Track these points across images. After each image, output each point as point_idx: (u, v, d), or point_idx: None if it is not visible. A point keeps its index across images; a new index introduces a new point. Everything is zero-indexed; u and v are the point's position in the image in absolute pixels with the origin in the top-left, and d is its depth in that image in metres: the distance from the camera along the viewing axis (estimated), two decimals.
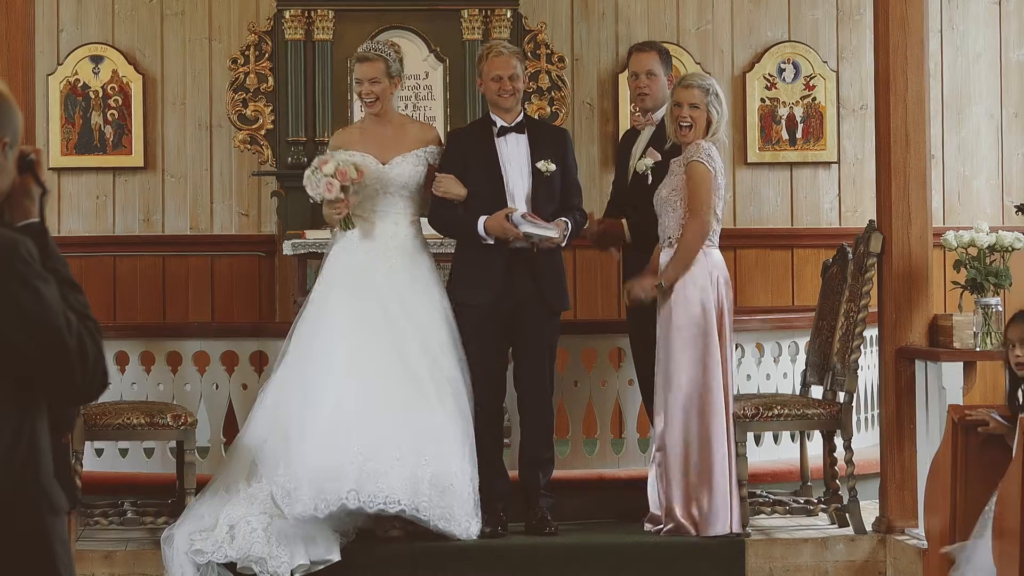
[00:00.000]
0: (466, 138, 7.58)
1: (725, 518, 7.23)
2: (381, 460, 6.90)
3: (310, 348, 7.20)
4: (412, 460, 6.94)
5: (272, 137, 10.44)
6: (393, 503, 6.88)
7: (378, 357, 7.12)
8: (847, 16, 11.10)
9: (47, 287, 2.89)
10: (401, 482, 6.89)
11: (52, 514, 2.99)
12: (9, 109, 3.02)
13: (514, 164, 7.43)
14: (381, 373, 7.09)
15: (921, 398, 7.38)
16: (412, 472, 6.92)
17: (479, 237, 7.32)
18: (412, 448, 6.96)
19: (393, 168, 7.38)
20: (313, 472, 6.86)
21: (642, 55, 7.92)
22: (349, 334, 7.16)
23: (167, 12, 10.81)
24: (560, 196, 7.46)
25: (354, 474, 6.86)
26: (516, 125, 7.47)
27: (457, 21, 10.38)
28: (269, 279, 10.75)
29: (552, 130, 7.90)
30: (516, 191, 7.39)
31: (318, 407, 7.03)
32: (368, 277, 7.27)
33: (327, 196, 7.21)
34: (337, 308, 7.23)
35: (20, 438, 2.93)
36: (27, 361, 2.88)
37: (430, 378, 7.13)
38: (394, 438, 6.96)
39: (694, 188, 7.25)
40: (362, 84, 7.41)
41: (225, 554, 6.82)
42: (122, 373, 8.16)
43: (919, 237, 7.47)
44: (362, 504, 6.86)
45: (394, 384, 7.08)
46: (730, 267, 10.79)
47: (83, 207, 10.79)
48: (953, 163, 11.12)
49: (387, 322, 7.19)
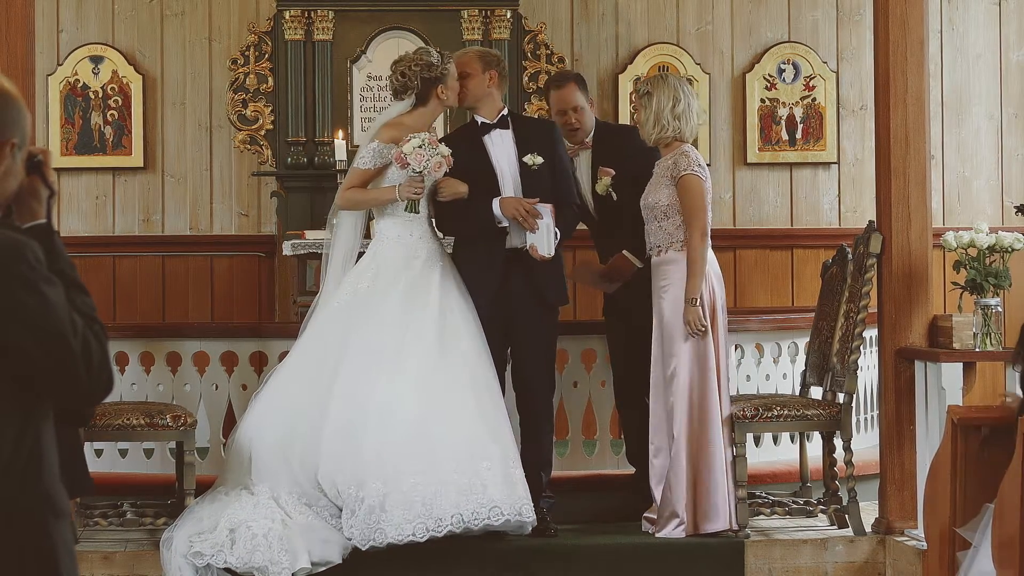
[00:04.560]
0: (455, 141, 7.54)
1: (724, 515, 7.24)
2: (475, 472, 6.81)
3: (351, 353, 7.10)
4: (501, 462, 6.88)
5: (272, 137, 10.45)
6: (497, 515, 6.80)
7: (445, 366, 7.05)
8: (847, 16, 11.10)
9: (53, 290, 2.88)
10: (498, 490, 6.81)
11: (55, 517, 2.98)
12: (18, 110, 3.02)
13: (502, 159, 7.44)
14: (451, 381, 7.02)
15: (921, 399, 7.38)
16: (505, 474, 6.85)
17: (492, 223, 7.32)
18: (498, 451, 6.89)
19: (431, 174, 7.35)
20: (405, 494, 6.76)
21: (563, 91, 7.84)
22: (409, 344, 7.09)
23: (167, 12, 10.81)
24: (552, 189, 7.44)
25: (454, 493, 6.77)
26: (500, 121, 7.49)
27: (457, 21, 10.39)
28: (269, 279, 10.75)
29: (539, 124, 7.86)
30: (505, 185, 7.40)
31: (389, 422, 6.91)
32: (420, 282, 7.23)
33: (433, 174, 7.14)
34: (391, 316, 7.15)
35: (23, 440, 2.92)
36: (32, 364, 2.88)
37: (488, 375, 7.12)
38: (480, 445, 6.88)
39: (691, 203, 7.27)
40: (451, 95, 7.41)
41: (225, 560, 6.77)
42: (122, 373, 8.15)
43: (919, 237, 7.47)
44: (467, 525, 6.77)
45: (466, 390, 7.01)
46: (730, 267, 10.88)
47: (83, 207, 10.79)
48: (953, 163, 11.12)
49: (446, 329, 7.13)
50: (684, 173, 7.30)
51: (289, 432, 7.09)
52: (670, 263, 7.33)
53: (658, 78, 7.67)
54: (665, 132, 7.36)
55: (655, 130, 7.37)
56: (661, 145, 7.43)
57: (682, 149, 7.37)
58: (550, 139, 7.54)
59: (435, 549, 6.98)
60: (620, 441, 8.26)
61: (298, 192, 10.42)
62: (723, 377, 7.33)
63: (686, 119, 7.37)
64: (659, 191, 7.36)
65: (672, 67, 10.87)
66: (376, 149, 7.32)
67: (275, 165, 10.47)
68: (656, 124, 7.35)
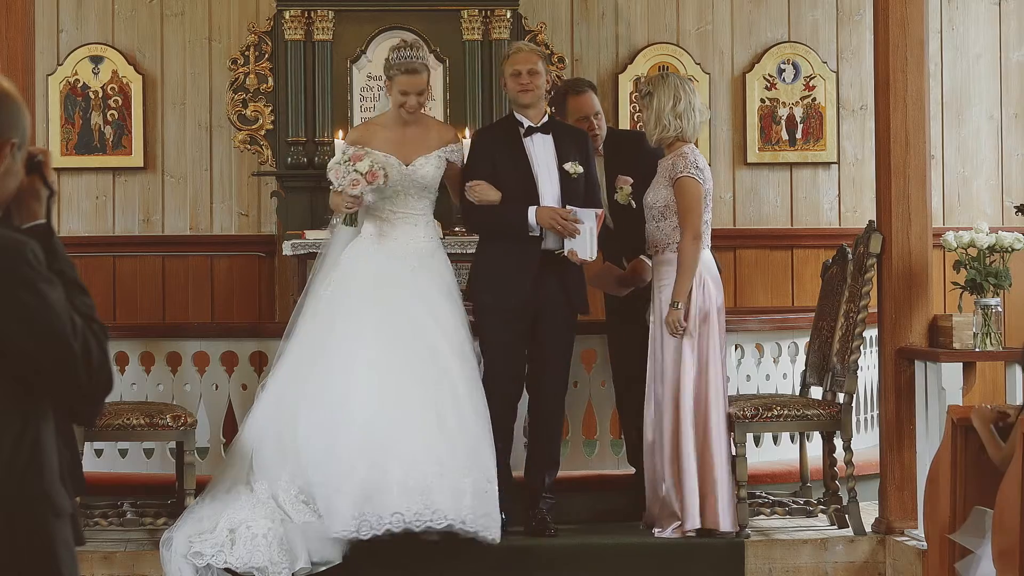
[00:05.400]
0: (493, 138, 7.52)
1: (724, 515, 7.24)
2: (423, 476, 6.80)
3: (326, 351, 7.09)
4: (453, 472, 6.83)
5: (272, 137, 10.45)
6: (440, 519, 6.78)
7: (409, 365, 7.01)
8: (847, 16, 11.10)
9: (53, 290, 2.88)
10: (444, 496, 6.79)
11: (55, 517, 2.98)
12: (18, 110, 3.01)
13: (541, 165, 7.37)
14: (414, 381, 6.98)
15: (921, 399, 7.38)
16: (454, 484, 6.82)
17: (524, 230, 7.26)
18: (451, 458, 6.85)
19: (417, 170, 7.29)
20: (352, 490, 6.77)
21: (583, 98, 7.87)
22: (375, 341, 7.05)
23: (167, 12, 10.81)
24: (584, 198, 7.38)
25: (397, 493, 6.76)
26: (542, 126, 7.42)
27: (457, 21, 10.38)
28: (269, 279, 10.75)
29: (573, 131, 7.74)
30: (544, 192, 7.33)
31: (348, 419, 6.91)
32: (391, 280, 7.19)
33: (349, 191, 7.09)
34: (359, 313, 7.12)
35: (24, 440, 2.92)
36: (32, 364, 2.88)
37: (461, 379, 7.05)
38: (433, 450, 6.85)
39: (687, 206, 7.27)
40: (408, 96, 7.21)
41: (225, 560, 6.77)
42: (122, 373, 8.15)
43: (919, 237, 7.47)
44: (408, 525, 6.76)
45: (428, 391, 6.97)
46: (730, 267, 10.87)
47: (83, 207, 10.79)
48: (953, 163, 11.12)
49: (414, 327, 7.09)
50: (680, 175, 7.30)
51: (285, 430, 7.10)
52: (668, 263, 7.33)
53: (659, 77, 7.67)
54: (667, 132, 7.36)
55: (657, 130, 7.37)
56: (664, 144, 7.43)
57: (682, 150, 7.37)
58: (585, 148, 7.50)
59: (434, 548, 6.99)
60: (620, 441, 8.25)
61: (298, 192, 10.41)
62: (722, 378, 7.33)
63: (687, 118, 7.36)
64: (658, 191, 7.37)
65: (672, 67, 10.86)
66: (342, 148, 7.39)
67: (275, 165, 10.46)
68: (657, 124, 7.35)
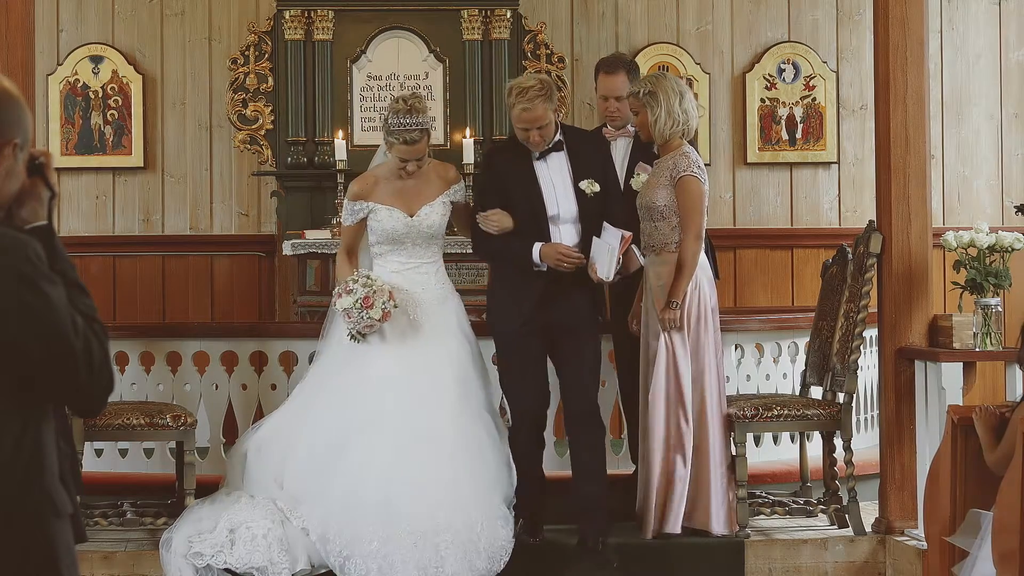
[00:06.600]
0: (504, 159, 7.31)
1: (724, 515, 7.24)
2: (433, 548, 6.71)
3: (345, 397, 7.00)
4: (464, 535, 6.76)
5: (272, 137, 10.45)
6: None
7: (428, 415, 6.92)
8: (847, 16, 11.10)
9: (54, 290, 2.88)
10: (456, 562, 6.71)
11: (55, 517, 2.98)
12: (20, 110, 3.01)
13: (557, 185, 7.18)
14: (433, 434, 6.89)
15: (921, 398, 7.38)
16: (465, 544, 6.75)
17: (529, 266, 7.11)
18: (464, 519, 6.77)
19: (423, 220, 7.14)
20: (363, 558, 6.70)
21: (614, 79, 7.80)
22: (391, 390, 6.96)
23: (167, 12, 10.81)
24: (603, 213, 7.19)
25: (412, 570, 6.69)
26: (554, 145, 7.19)
27: (457, 21, 10.39)
28: (269, 279, 10.76)
29: (590, 140, 7.50)
30: (563, 213, 7.14)
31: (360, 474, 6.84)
32: (401, 329, 7.06)
33: (365, 332, 6.96)
34: (376, 362, 7.01)
35: (24, 440, 2.92)
36: (33, 364, 2.88)
37: (478, 420, 7.00)
38: (443, 514, 6.76)
39: (690, 206, 7.24)
40: (407, 162, 7.06)
41: (224, 560, 6.76)
42: (122, 373, 8.15)
43: (919, 237, 7.48)
44: None
45: (441, 440, 6.89)
46: (730, 267, 10.88)
47: (83, 207, 10.80)
48: (953, 163, 11.12)
49: (430, 377, 6.99)
50: (684, 174, 7.27)
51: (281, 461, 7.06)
52: (666, 264, 7.32)
53: (654, 77, 7.62)
54: (678, 126, 7.32)
55: (668, 125, 7.29)
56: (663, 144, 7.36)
57: (683, 149, 7.34)
58: (601, 157, 7.35)
59: None
60: (620, 441, 8.25)
61: (298, 192, 10.42)
62: (717, 379, 7.33)
63: (691, 113, 7.37)
64: (657, 191, 7.33)
65: (672, 67, 10.87)
66: (348, 207, 7.23)
67: (275, 165, 10.47)
68: (669, 118, 7.29)
